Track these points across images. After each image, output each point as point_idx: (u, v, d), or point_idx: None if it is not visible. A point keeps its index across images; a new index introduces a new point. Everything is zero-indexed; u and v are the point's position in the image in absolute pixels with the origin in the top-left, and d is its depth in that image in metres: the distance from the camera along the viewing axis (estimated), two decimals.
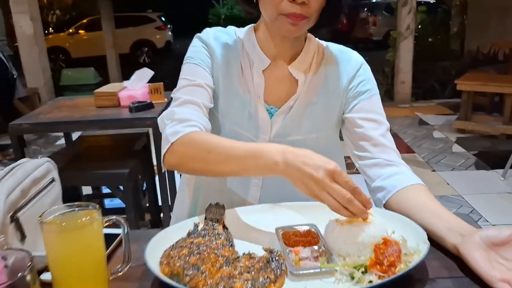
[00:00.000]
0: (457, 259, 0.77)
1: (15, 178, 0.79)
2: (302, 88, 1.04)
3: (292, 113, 1.03)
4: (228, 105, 1.05)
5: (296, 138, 1.04)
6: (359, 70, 1.06)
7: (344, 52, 1.09)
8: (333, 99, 1.05)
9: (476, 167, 3.71)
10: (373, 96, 1.05)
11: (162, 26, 13.99)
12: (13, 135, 2.24)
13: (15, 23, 5.38)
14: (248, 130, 1.04)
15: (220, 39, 1.06)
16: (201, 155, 0.88)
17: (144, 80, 2.49)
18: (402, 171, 0.98)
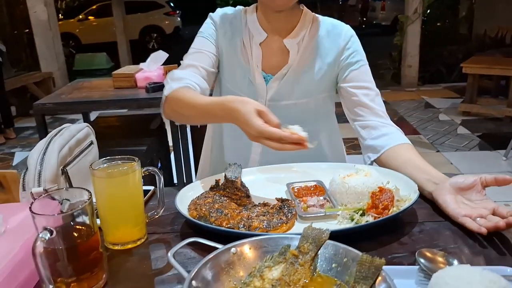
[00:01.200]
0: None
1: (63, 138, 0.92)
2: (294, 58, 1.16)
3: (286, 80, 1.17)
4: (232, 73, 1.21)
5: (289, 103, 1.19)
6: (348, 43, 1.17)
7: (336, 25, 1.20)
8: (324, 68, 1.17)
9: (480, 148, 3.80)
10: (362, 66, 1.17)
11: (171, 11, 14.02)
12: (37, 115, 2.38)
13: (29, 9, 5.50)
14: (247, 94, 1.16)
15: (227, 16, 1.22)
16: (182, 111, 1.07)
17: (159, 62, 2.61)
18: (391, 131, 1.11)
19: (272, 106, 1.16)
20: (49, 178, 0.85)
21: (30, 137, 4.72)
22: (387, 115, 1.16)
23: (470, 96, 4.59)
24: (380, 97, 1.17)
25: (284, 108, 1.18)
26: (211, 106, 0.98)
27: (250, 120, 0.85)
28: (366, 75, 1.17)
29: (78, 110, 2.78)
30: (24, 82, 5.24)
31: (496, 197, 2.85)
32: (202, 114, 1.02)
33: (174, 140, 2.61)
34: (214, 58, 1.19)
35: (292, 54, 1.16)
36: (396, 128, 1.13)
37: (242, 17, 1.21)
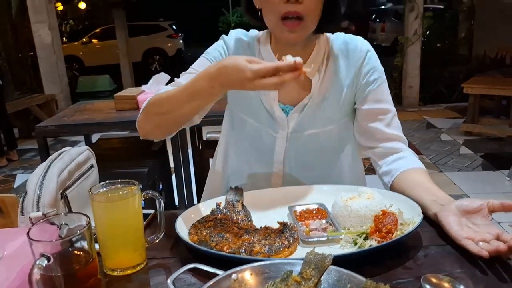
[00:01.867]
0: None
1: (64, 161, 0.92)
2: (315, 87, 1.10)
3: (307, 110, 1.11)
4: (248, 104, 1.14)
5: (312, 132, 1.13)
6: (365, 59, 1.11)
7: (349, 42, 1.12)
8: (344, 91, 1.11)
9: (483, 168, 3.78)
10: (380, 85, 1.11)
11: (173, 34, 14.21)
12: (39, 137, 2.38)
13: (34, 33, 5.58)
14: (267, 126, 1.14)
15: (241, 41, 1.15)
16: (164, 102, 0.98)
17: (161, 84, 2.62)
18: (405, 155, 1.09)
19: (294, 137, 1.13)
20: (48, 203, 0.84)
21: (32, 159, 4.72)
22: (403, 139, 1.13)
23: (472, 116, 4.60)
24: (396, 117, 1.14)
25: (307, 138, 1.14)
26: (192, 83, 0.90)
27: (242, 65, 0.81)
28: (383, 93, 1.12)
29: (80, 132, 2.79)
30: (27, 105, 5.27)
31: (501, 217, 2.82)
32: (185, 97, 0.92)
33: (176, 161, 2.61)
34: None
35: (314, 82, 1.09)
36: (410, 152, 1.11)
37: (255, 45, 1.14)
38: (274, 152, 1.16)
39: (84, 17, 13.86)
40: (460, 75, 6.28)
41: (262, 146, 1.17)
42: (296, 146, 1.15)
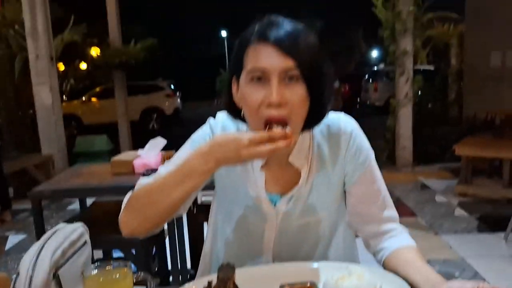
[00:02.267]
0: None
1: (57, 240, 0.93)
2: (304, 177, 1.05)
3: (295, 202, 1.07)
4: (234, 194, 1.10)
5: (302, 222, 1.09)
6: (350, 142, 1.07)
7: (331, 125, 1.08)
8: (332, 176, 1.08)
9: (479, 230, 3.77)
10: (369, 165, 1.09)
11: (171, 93, 14.55)
12: (34, 201, 2.39)
13: (34, 94, 5.71)
14: (256, 218, 1.09)
15: (228, 129, 1.09)
16: (153, 189, 0.94)
17: (157, 149, 2.67)
18: (397, 234, 1.10)
19: (283, 227, 1.09)
20: (40, 284, 0.84)
21: (25, 220, 4.67)
22: (395, 218, 1.12)
23: (465, 177, 4.64)
24: (387, 194, 1.12)
25: (297, 228, 1.10)
26: (184, 163, 0.88)
27: (235, 134, 0.84)
28: (373, 173, 1.10)
29: (75, 196, 2.79)
30: (24, 165, 5.30)
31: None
32: (177, 179, 0.89)
33: (169, 225, 2.60)
34: None
35: (303, 172, 1.05)
36: (402, 229, 1.11)
37: (245, 129, 1.08)
38: (263, 243, 1.12)
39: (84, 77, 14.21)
40: (452, 136, 6.41)
41: (250, 236, 1.13)
42: (286, 236, 1.11)
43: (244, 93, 0.93)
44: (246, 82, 0.93)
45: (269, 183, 1.07)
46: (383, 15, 6.02)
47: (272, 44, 0.90)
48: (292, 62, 0.89)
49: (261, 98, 0.90)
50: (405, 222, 1.15)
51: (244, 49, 0.94)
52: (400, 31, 5.87)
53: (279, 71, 0.89)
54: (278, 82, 0.89)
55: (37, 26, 5.61)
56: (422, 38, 6.10)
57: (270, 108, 0.89)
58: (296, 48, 0.90)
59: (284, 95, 0.89)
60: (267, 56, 0.90)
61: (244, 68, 0.94)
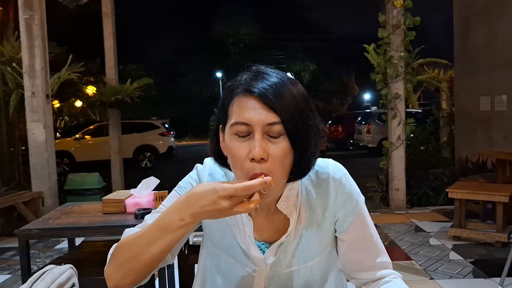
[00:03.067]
0: None
1: (45, 283, 0.90)
2: (292, 225, 1.03)
3: (284, 248, 1.05)
4: (222, 240, 1.08)
5: (291, 269, 1.06)
6: (339, 188, 1.05)
7: (320, 171, 1.07)
8: (322, 225, 1.06)
9: (474, 275, 3.72)
10: (359, 211, 1.07)
11: (165, 132, 14.63)
12: (21, 240, 2.34)
13: (28, 130, 5.70)
14: (244, 264, 1.07)
15: (215, 176, 1.08)
16: (132, 243, 0.92)
17: (150, 188, 2.65)
18: (390, 280, 1.07)
19: (273, 276, 1.06)
20: None
21: (11, 259, 4.55)
22: (387, 264, 1.09)
23: (459, 220, 4.62)
24: (379, 241, 1.10)
25: (287, 276, 1.07)
26: (161, 217, 0.88)
27: (212, 185, 0.82)
28: (364, 219, 1.08)
29: (64, 236, 2.74)
30: (13, 202, 5.21)
31: None
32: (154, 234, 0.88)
33: None
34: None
35: (292, 220, 1.03)
36: (395, 275, 1.08)
37: (230, 179, 1.07)
38: None
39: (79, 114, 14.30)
40: (445, 178, 6.44)
41: (239, 285, 1.09)
42: (276, 284, 1.08)
43: (229, 145, 0.93)
44: (231, 134, 0.92)
45: (257, 230, 1.05)
46: (375, 60, 6.17)
47: (257, 97, 0.90)
48: (275, 117, 0.89)
49: (245, 153, 0.90)
50: (400, 266, 1.14)
51: (230, 99, 0.94)
52: (392, 76, 6.01)
53: (262, 125, 0.89)
54: (261, 136, 0.89)
55: (34, 65, 5.68)
56: (413, 82, 6.20)
57: (254, 162, 0.89)
58: (281, 103, 0.89)
59: (266, 150, 0.89)
60: (251, 109, 0.90)
61: (229, 118, 0.93)
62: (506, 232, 4.34)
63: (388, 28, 6.01)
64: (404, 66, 5.99)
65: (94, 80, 10.30)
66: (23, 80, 5.75)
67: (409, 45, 6.01)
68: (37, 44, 5.67)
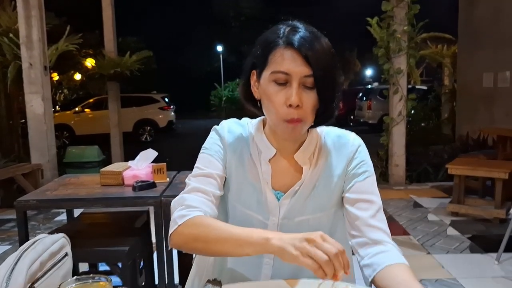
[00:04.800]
0: None
1: (36, 251, 0.89)
2: (306, 174, 1.14)
3: (297, 197, 1.14)
4: (239, 191, 1.16)
5: (302, 219, 1.15)
6: (355, 153, 1.16)
7: (342, 136, 1.19)
8: (334, 181, 1.15)
9: (471, 250, 3.74)
10: (367, 178, 1.15)
11: (165, 106, 14.56)
12: (19, 211, 2.33)
13: (26, 102, 5.67)
14: (258, 213, 1.15)
15: (234, 132, 1.19)
16: (203, 236, 1.01)
17: (148, 160, 2.62)
18: (388, 249, 1.07)
19: (285, 224, 1.14)
20: None
21: (10, 230, 4.58)
22: (387, 232, 1.12)
23: (458, 196, 4.63)
24: (382, 211, 1.14)
25: (298, 225, 1.15)
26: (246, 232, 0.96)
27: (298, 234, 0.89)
28: (370, 186, 1.15)
29: (62, 207, 2.74)
30: (12, 174, 5.22)
31: None
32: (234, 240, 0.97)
33: (158, 239, 2.54)
34: (221, 179, 1.15)
35: (305, 170, 1.14)
36: (393, 246, 1.09)
37: (248, 131, 1.19)
38: None
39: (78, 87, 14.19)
40: (445, 154, 6.43)
41: None
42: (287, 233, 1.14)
43: (267, 90, 1.04)
44: (269, 81, 1.04)
45: (275, 178, 1.15)
46: (378, 34, 6.08)
47: (297, 50, 1.00)
48: (310, 71, 1.00)
49: (283, 99, 1.02)
50: (397, 240, 1.12)
51: (271, 49, 1.04)
52: (394, 50, 5.92)
53: (300, 76, 1.01)
54: (297, 86, 1.01)
55: (31, 35, 5.59)
56: (416, 57, 6.12)
57: (290, 108, 1.01)
58: (317, 58, 1.01)
59: (301, 98, 1.01)
60: (292, 61, 1.01)
61: (268, 66, 1.04)
62: (505, 208, 4.35)
63: (392, 1, 5.89)
64: (407, 41, 5.90)
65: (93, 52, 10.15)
66: (20, 51, 5.67)
67: (413, 19, 5.91)
68: (34, 14, 5.57)
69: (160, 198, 2.30)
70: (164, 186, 2.47)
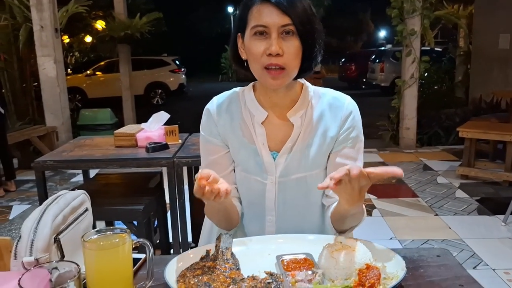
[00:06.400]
0: (432, 285, 0.90)
1: (59, 206, 0.95)
2: (298, 132, 1.18)
3: (293, 155, 1.18)
4: (237, 155, 1.23)
5: (299, 176, 1.20)
6: (348, 117, 1.19)
7: (337, 98, 1.22)
8: (327, 141, 1.19)
9: (479, 212, 3.79)
10: (356, 144, 1.20)
11: (176, 69, 14.48)
12: (38, 171, 2.41)
13: (39, 65, 5.70)
14: (257, 174, 1.21)
15: (223, 103, 1.24)
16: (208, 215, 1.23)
17: (161, 123, 2.67)
18: None
19: (283, 182, 1.20)
20: (41, 248, 0.86)
21: (29, 190, 4.73)
22: None
23: (468, 159, 4.64)
24: None
25: (295, 182, 1.20)
26: None
27: None
28: (357, 153, 1.20)
29: (77, 168, 2.82)
30: (28, 136, 5.33)
31: (495, 264, 2.82)
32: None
33: (172, 198, 2.62)
34: (226, 157, 1.24)
35: (296, 127, 1.18)
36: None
37: (240, 98, 1.23)
38: (265, 199, 1.22)
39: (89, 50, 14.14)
40: (457, 118, 6.37)
41: (252, 196, 1.24)
42: (285, 191, 1.21)
43: (249, 45, 1.10)
44: (250, 36, 1.09)
45: (269, 139, 1.20)
46: None
47: (272, 4, 1.06)
48: (288, 19, 1.05)
49: (263, 49, 1.07)
50: (406, 202, 1.17)
51: (249, 9, 1.10)
52: (408, 11, 5.78)
53: (278, 26, 1.06)
54: (277, 36, 1.06)
55: None
56: (430, 18, 5.97)
57: (270, 57, 1.06)
58: (292, 8, 1.06)
59: (281, 47, 1.06)
60: (268, 14, 1.06)
61: (248, 25, 1.10)
62: None
63: None
64: (421, 1, 5.74)
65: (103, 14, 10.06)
66: (31, 13, 5.66)
67: None
68: None
69: (173, 159, 2.36)
70: (177, 148, 2.52)
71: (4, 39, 6.44)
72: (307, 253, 1.01)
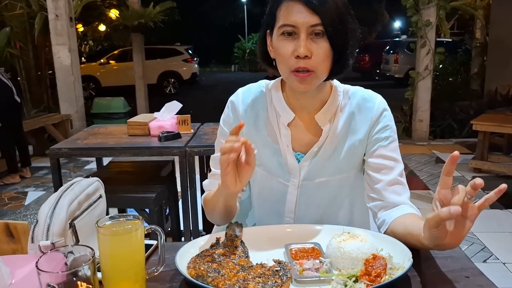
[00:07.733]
0: (438, 276, 0.91)
1: (74, 192, 0.97)
2: (325, 136, 1.13)
3: (318, 158, 1.15)
4: (259, 154, 1.13)
5: (322, 180, 1.16)
6: (380, 117, 1.14)
7: (367, 99, 1.16)
8: (356, 143, 1.14)
9: (490, 206, 3.76)
10: (391, 143, 1.14)
11: (189, 58, 14.52)
12: (53, 158, 2.46)
13: (54, 54, 5.77)
14: (279, 176, 1.18)
15: (249, 98, 1.20)
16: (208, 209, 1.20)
17: (173, 112, 2.70)
18: (403, 206, 1.10)
19: (305, 185, 1.17)
20: (57, 232, 0.89)
21: (44, 177, 4.82)
22: (407, 195, 1.13)
23: (481, 153, 4.60)
24: (403, 175, 1.14)
25: (318, 186, 1.17)
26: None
27: None
28: (393, 151, 1.14)
29: (91, 155, 2.87)
30: (43, 124, 5.41)
31: (506, 258, 2.81)
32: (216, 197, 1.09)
33: (183, 187, 2.66)
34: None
35: (324, 131, 1.13)
36: (410, 205, 1.10)
37: (266, 95, 1.19)
38: (285, 201, 1.20)
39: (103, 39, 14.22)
40: (471, 110, 6.30)
41: (273, 196, 1.21)
42: (307, 194, 1.18)
43: (277, 45, 1.05)
44: (278, 36, 1.04)
45: (295, 140, 1.16)
46: None
47: (302, 2, 1.00)
48: (318, 19, 0.99)
49: (291, 50, 1.02)
50: (417, 195, 1.16)
51: (278, 5, 1.05)
52: (424, 1, 5.71)
53: (307, 26, 1.00)
54: (305, 37, 1.00)
55: None
56: (446, 9, 5.88)
57: (298, 59, 1.01)
58: (323, 7, 0.99)
59: (310, 49, 1.01)
60: (297, 13, 1.00)
61: (277, 22, 1.05)
62: None
63: None
64: None
65: (117, 3, 10.10)
66: (46, 2, 5.71)
67: None
68: None
69: (185, 148, 2.38)
70: (189, 137, 2.55)
71: (19, 28, 6.53)
72: (315, 242, 1.02)
